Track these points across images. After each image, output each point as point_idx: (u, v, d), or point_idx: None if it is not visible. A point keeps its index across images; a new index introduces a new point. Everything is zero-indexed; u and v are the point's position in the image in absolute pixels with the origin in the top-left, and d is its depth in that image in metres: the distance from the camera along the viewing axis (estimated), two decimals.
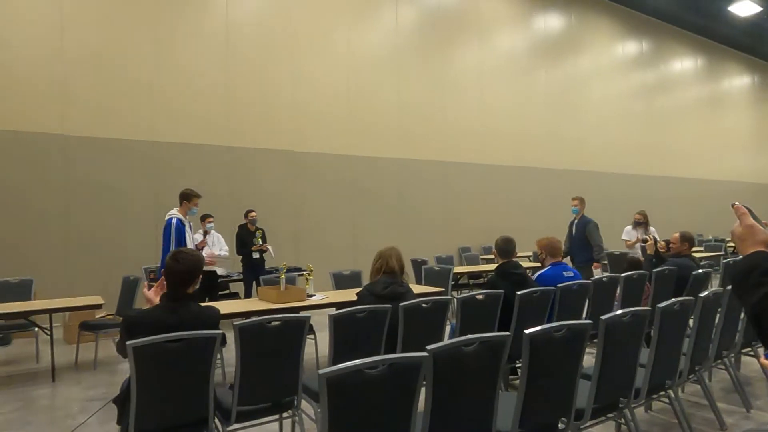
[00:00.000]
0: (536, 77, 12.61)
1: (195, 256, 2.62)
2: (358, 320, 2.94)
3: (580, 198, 7.14)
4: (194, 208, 5.64)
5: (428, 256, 8.12)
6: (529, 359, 2.23)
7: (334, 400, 1.72)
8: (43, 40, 7.09)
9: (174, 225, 5.36)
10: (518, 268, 3.90)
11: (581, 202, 7.09)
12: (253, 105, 8.67)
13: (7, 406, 4.11)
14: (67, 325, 6.20)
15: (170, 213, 5.48)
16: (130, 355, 2.27)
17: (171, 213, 5.48)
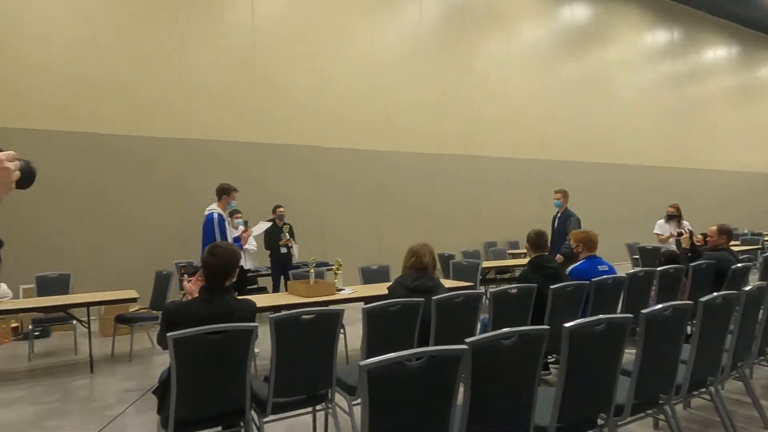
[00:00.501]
0: (562, 69, 12.38)
1: (231, 250, 2.66)
2: (391, 314, 2.94)
3: (563, 191, 6.99)
4: (232, 202, 5.72)
5: (454, 250, 8.07)
6: (568, 354, 2.19)
7: (375, 392, 1.72)
8: (73, 40, 7.26)
9: (216, 220, 5.44)
10: (551, 261, 3.85)
11: (564, 195, 6.94)
12: (278, 101, 8.73)
13: (49, 396, 4.25)
14: (103, 319, 6.37)
15: (210, 208, 5.55)
16: (171, 346, 2.32)
17: (211, 208, 5.55)
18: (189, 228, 7.86)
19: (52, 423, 3.65)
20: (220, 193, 5.64)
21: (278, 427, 3.35)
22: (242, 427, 2.76)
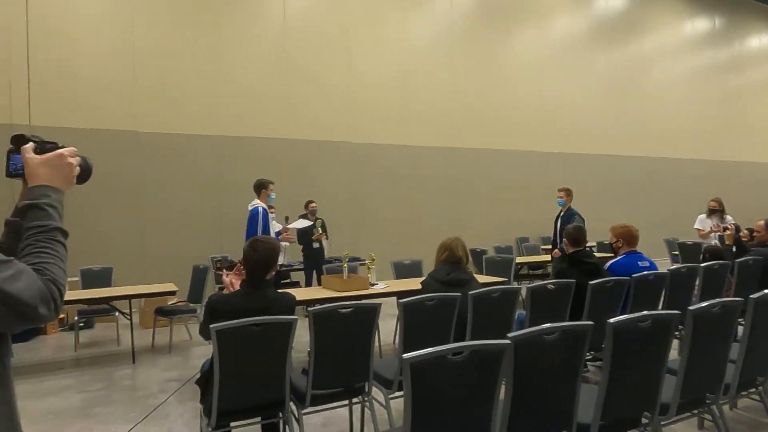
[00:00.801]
0: (597, 60, 12.07)
1: (271, 244, 2.70)
2: (428, 308, 2.93)
3: (566, 189, 6.81)
4: (272, 194, 5.88)
5: (485, 245, 7.99)
6: (612, 350, 2.15)
7: (417, 386, 1.72)
8: (115, 41, 7.49)
9: (261, 214, 5.62)
10: (591, 257, 3.77)
11: (567, 194, 6.77)
12: (309, 97, 8.80)
13: (95, 384, 4.41)
14: (143, 311, 6.57)
15: (254, 203, 5.72)
16: (214, 337, 2.37)
17: (254, 203, 5.72)
18: (225, 223, 8.03)
19: (99, 410, 3.79)
20: (258, 188, 5.80)
21: (315, 419, 3.40)
22: (281, 418, 2.81)
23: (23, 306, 0.86)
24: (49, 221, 1.02)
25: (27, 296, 0.86)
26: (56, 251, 0.99)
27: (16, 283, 0.85)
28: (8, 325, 0.85)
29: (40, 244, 0.97)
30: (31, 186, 1.05)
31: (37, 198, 1.03)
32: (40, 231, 0.99)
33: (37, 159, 1.07)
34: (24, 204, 1.03)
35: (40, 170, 1.06)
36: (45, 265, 0.93)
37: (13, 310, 0.85)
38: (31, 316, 0.87)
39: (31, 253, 0.94)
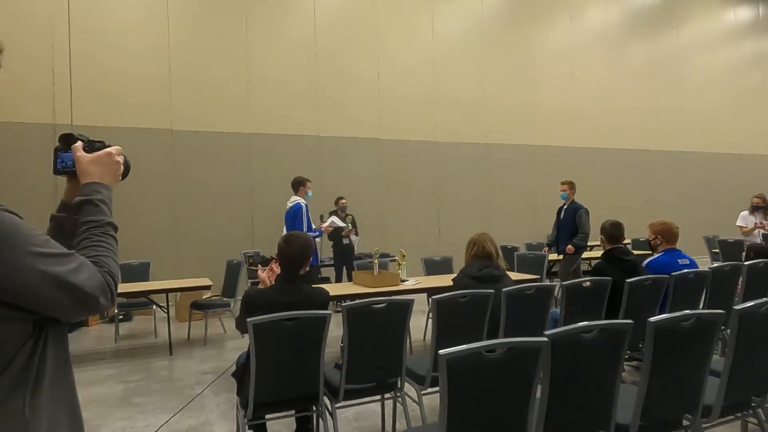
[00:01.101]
0: (632, 52, 11.73)
1: (305, 239, 2.74)
2: (461, 305, 2.92)
3: (569, 182, 6.59)
4: (309, 192, 5.94)
5: (516, 243, 7.90)
6: (653, 349, 2.09)
7: (453, 382, 1.72)
8: (151, 42, 7.69)
9: (303, 209, 5.71)
10: (628, 254, 3.67)
11: (571, 187, 6.55)
12: (339, 94, 8.85)
13: (134, 375, 4.56)
14: (179, 305, 6.75)
15: (294, 200, 5.78)
16: (251, 330, 2.42)
17: (295, 200, 5.78)
18: (257, 219, 8.17)
19: (139, 400, 3.92)
20: (297, 185, 5.85)
21: (348, 413, 3.43)
22: (315, 411, 2.85)
23: (87, 297, 0.90)
24: (102, 216, 1.06)
25: (90, 287, 0.90)
26: (110, 245, 1.03)
27: (80, 275, 0.89)
28: (72, 314, 0.90)
29: (95, 238, 1.01)
30: (84, 183, 1.09)
31: (90, 194, 1.08)
32: (94, 225, 1.04)
33: (88, 157, 1.12)
34: (78, 200, 1.07)
35: (92, 168, 1.11)
36: (101, 258, 0.97)
37: (77, 301, 0.89)
38: (92, 307, 0.92)
39: (88, 247, 0.98)
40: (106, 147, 1.17)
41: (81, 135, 1.20)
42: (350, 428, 3.29)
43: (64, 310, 0.88)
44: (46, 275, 0.84)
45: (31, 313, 0.85)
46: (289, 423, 3.15)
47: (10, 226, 0.82)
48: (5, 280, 0.80)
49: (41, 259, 0.85)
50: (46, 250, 0.87)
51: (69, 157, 1.15)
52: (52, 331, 0.90)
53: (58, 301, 0.86)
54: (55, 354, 0.90)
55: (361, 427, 3.32)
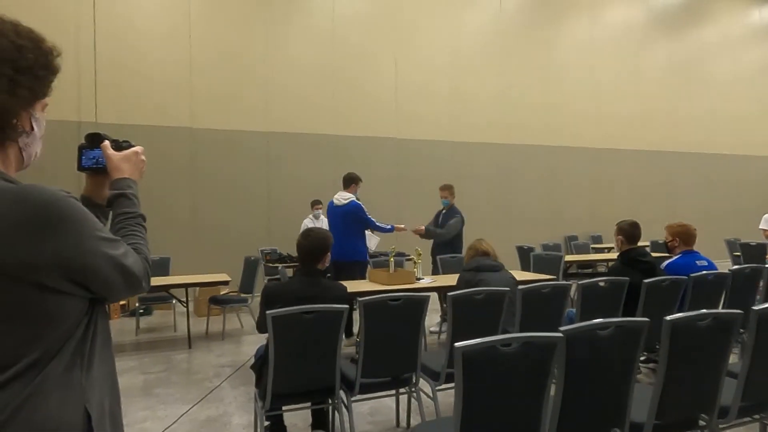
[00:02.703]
0: (655, 52, 11.58)
1: (324, 234, 2.79)
2: (477, 302, 2.94)
3: (449, 187, 6.17)
4: (358, 191, 5.56)
5: (533, 243, 7.86)
6: (669, 348, 2.10)
7: (468, 375, 1.74)
8: (173, 42, 7.84)
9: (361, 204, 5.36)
10: (646, 255, 3.64)
11: (451, 193, 6.14)
12: (358, 93, 8.91)
13: (155, 366, 4.67)
14: (198, 300, 6.87)
15: (348, 196, 5.37)
16: (270, 322, 2.47)
17: (348, 196, 5.36)
18: (274, 217, 8.27)
19: (160, 391, 4.02)
20: (350, 181, 5.48)
21: (363, 408, 3.48)
22: (331, 404, 2.90)
23: (134, 279, 0.98)
24: (135, 209, 1.15)
25: (136, 270, 0.99)
26: (143, 234, 1.11)
27: (129, 259, 0.98)
28: (121, 294, 0.97)
29: (131, 228, 1.09)
30: (116, 178, 1.17)
31: (124, 189, 1.16)
32: (129, 217, 1.12)
33: (118, 155, 1.20)
34: (113, 194, 1.16)
35: (123, 165, 1.19)
36: (138, 245, 1.05)
37: (127, 282, 0.97)
38: (137, 288, 1.00)
39: (126, 235, 1.06)
40: (132, 146, 1.23)
41: (106, 134, 1.27)
42: (365, 423, 3.33)
43: (116, 289, 0.96)
44: (106, 257, 0.92)
45: (88, 291, 0.92)
46: (305, 416, 3.21)
47: (80, 212, 0.90)
48: (75, 260, 0.87)
49: (103, 242, 0.93)
50: (106, 235, 0.95)
51: (99, 155, 1.22)
52: (100, 311, 0.98)
53: (114, 281, 0.94)
54: (102, 331, 0.97)
55: (376, 422, 3.36)
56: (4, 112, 0.89)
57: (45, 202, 0.85)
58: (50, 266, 0.85)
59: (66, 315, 0.89)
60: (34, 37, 0.94)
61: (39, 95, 0.96)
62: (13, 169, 0.96)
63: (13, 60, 0.88)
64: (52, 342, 0.87)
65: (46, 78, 0.96)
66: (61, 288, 0.87)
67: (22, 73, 0.89)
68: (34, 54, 0.92)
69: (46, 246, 0.84)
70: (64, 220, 0.87)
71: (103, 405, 0.94)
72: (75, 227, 0.88)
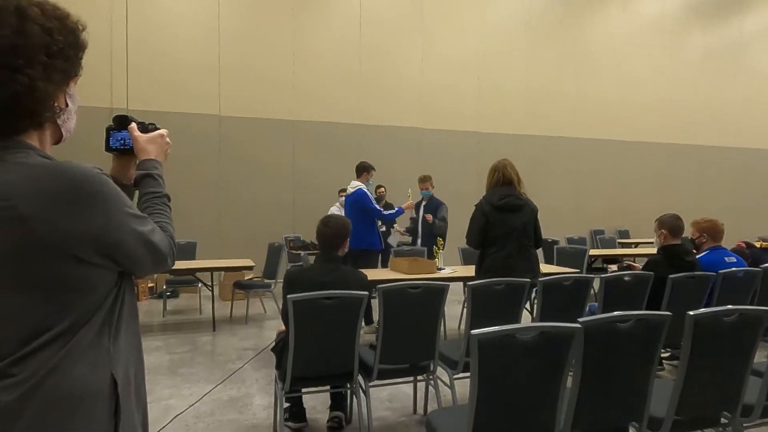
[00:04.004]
0: (688, 42, 11.20)
1: (343, 221, 2.83)
2: (496, 292, 2.93)
3: (429, 178, 6.23)
4: (370, 180, 5.64)
5: (558, 236, 7.76)
6: (691, 344, 2.06)
7: (484, 363, 1.75)
8: (202, 31, 7.96)
9: (368, 193, 5.45)
10: (689, 254, 3.47)
11: (431, 184, 6.21)
12: (383, 82, 8.90)
13: (180, 347, 4.81)
14: (222, 284, 7.02)
15: (355, 185, 5.43)
16: (291, 307, 2.52)
17: (356, 185, 5.43)
18: (298, 204, 8.37)
19: (184, 371, 4.14)
20: (361, 170, 5.54)
21: (380, 393, 3.52)
22: (349, 388, 2.94)
23: (161, 255, 1.03)
24: (161, 188, 1.19)
25: (162, 247, 1.03)
26: (168, 213, 1.15)
27: (156, 236, 1.02)
28: (147, 269, 1.02)
29: (157, 207, 1.14)
30: (143, 159, 1.21)
31: (150, 169, 1.20)
32: (156, 196, 1.16)
33: (144, 137, 1.24)
34: (140, 173, 1.20)
35: (149, 146, 1.23)
36: (164, 224, 1.09)
37: (153, 258, 1.01)
38: (162, 264, 1.05)
39: (152, 214, 1.10)
40: (157, 128, 1.27)
41: (133, 117, 1.31)
42: (382, 408, 3.37)
43: (143, 264, 1.00)
44: (135, 232, 0.97)
45: (117, 264, 0.96)
46: (324, 399, 3.27)
47: (112, 188, 0.94)
48: (107, 234, 0.92)
49: (132, 219, 0.97)
50: (135, 212, 0.99)
51: (126, 136, 1.26)
52: (127, 284, 1.02)
53: (141, 256, 0.99)
54: (129, 304, 1.02)
55: (393, 408, 3.40)
56: (44, 98, 0.92)
57: (80, 177, 0.89)
58: (83, 239, 0.89)
59: (96, 286, 0.93)
60: (60, 14, 0.96)
61: (72, 74, 1.00)
62: (49, 145, 1.01)
63: (45, 45, 0.91)
64: (83, 311, 0.91)
65: (76, 56, 0.99)
66: (92, 260, 0.91)
67: (54, 56, 0.92)
68: (63, 35, 0.94)
69: (80, 219, 0.88)
70: (97, 195, 0.91)
71: (128, 373, 0.98)
72: (107, 203, 0.92)
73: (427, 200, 6.28)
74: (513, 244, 3.45)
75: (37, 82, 0.89)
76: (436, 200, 6.29)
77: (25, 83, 0.88)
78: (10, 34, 0.87)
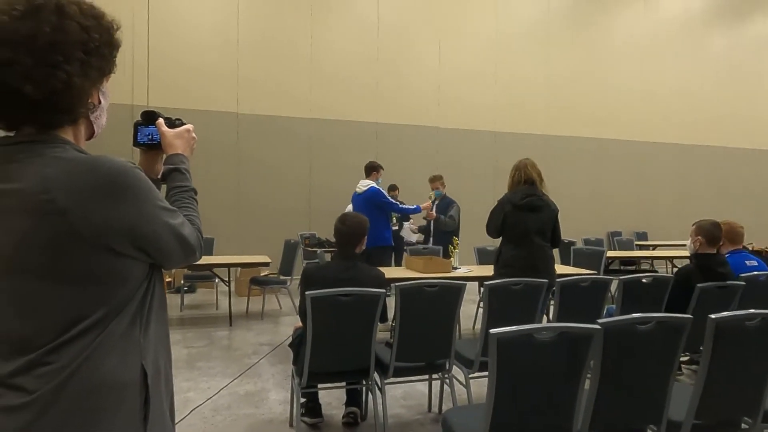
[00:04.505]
0: (714, 41, 10.99)
1: (360, 219, 2.84)
2: (513, 292, 2.93)
3: (439, 177, 6.37)
4: (379, 179, 5.78)
5: (574, 237, 7.69)
6: (712, 347, 2.04)
7: (503, 362, 1.75)
8: (221, 31, 8.05)
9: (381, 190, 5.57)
10: (724, 265, 3.35)
11: (442, 183, 6.35)
12: (400, 81, 8.90)
13: (198, 342, 4.88)
14: (239, 280, 7.10)
15: (367, 183, 5.56)
16: (308, 303, 2.55)
17: (368, 183, 5.56)
18: (314, 202, 8.42)
19: (202, 364, 4.20)
20: (371, 170, 5.70)
21: (395, 391, 3.54)
22: (365, 385, 2.96)
23: (190, 248, 1.05)
24: (188, 182, 1.22)
25: (191, 240, 1.05)
26: (195, 207, 1.18)
27: (185, 229, 1.04)
28: (177, 261, 1.04)
29: (185, 201, 1.16)
30: (170, 154, 1.24)
31: (177, 164, 1.23)
32: (183, 190, 1.19)
33: (172, 132, 1.26)
34: (168, 168, 1.23)
35: (176, 141, 1.26)
36: (192, 217, 1.12)
37: (183, 250, 1.04)
38: (191, 257, 1.07)
39: (180, 207, 1.13)
40: (183, 124, 1.30)
41: (160, 112, 1.34)
42: (397, 406, 3.39)
43: (173, 256, 1.03)
44: (167, 225, 0.99)
45: (148, 256, 0.99)
46: (339, 395, 3.30)
47: (145, 182, 0.97)
48: (140, 227, 0.94)
49: (164, 212, 1.00)
50: (166, 205, 1.02)
51: (154, 131, 1.28)
52: (157, 276, 1.04)
53: (172, 248, 1.01)
54: (159, 295, 1.04)
55: (408, 406, 3.41)
56: (80, 94, 0.95)
57: (116, 171, 0.92)
58: (118, 231, 0.92)
59: (129, 277, 0.96)
60: (96, 13, 0.98)
61: (106, 72, 1.03)
62: (83, 140, 1.04)
63: (83, 42, 0.93)
64: (116, 302, 0.94)
65: (110, 54, 1.02)
66: (126, 252, 0.94)
67: (91, 54, 0.95)
68: (99, 33, 0.97)
69: (115, 212, 0.91)
70: (131, 189, 0.93)
71: (158, 363, 1.01)
72: (141, 196, 0.95)
73: (438, 200, 6.37)
74: (529, 244, 3.47)
75: (75, 79, 0.92)
76: (448, 199, 6.41)
77: (63, 79, 0.90)
78: (50, 31, 0.89)
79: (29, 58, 0.87)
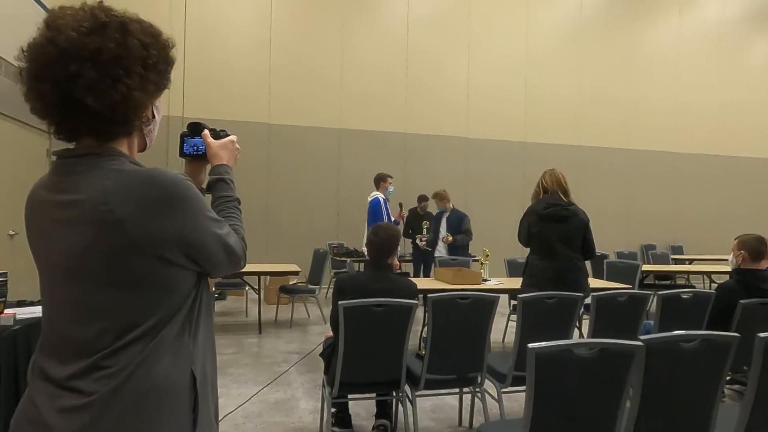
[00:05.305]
0: (751, 49, 10.67)
1: (392, 230, 2.85)
2: (547, 305, 2.87)
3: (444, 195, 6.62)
4: (390, 188, 6.16)
5: (606, 251, 7.52)
6: (761, 367, 1.95)
7: (541, 377, 1.72)
8: (253, 43, 8.24)
9: (381, 203, 6.01)
10: (766, 281, 3.23)
11: (448, 200, 6.59)
12: (429, 91, 8.93)
13: (228, 349, 4.94)
14: (268, 288, 7.17)
15: (374, 194, 6.05)
16: (341, 313, 2.56)
17: (375, 194, 6.05)
18: (342, 212, 8.48)
19: (233, 371, 4.26)
20: (378, 181, 6.10)
21: (425, 404, 3.50)
22: (396, 396, 2.95)
23: (235, 257, 1.08)
24: (233, 193, 1.25)
25: (237, 249, 1.08)
26: (239, 216, 1.21)
27: (231, 239, 1.07)
28: (223, 269, 1.07)
29: (230, 210, 1.19)
30: (216, 165, 1.27)
31: (222, 174, 1.26)
32: (228, 200, 1.22)
33: (217, 143, 1.30)
34: (213, 179, 1.26)
35: (221, 152, 1.29)
36: (237, 227, 1.14)
37: (229, 259, 1.06)
38: (236, 265, 1.10)
39: (225, 217, 1.15)
40: (228, 135, 1.33)
41: (205, 124, 1.38)
42: (427, 419, 3.35)
43: (219, 265, 1.05)
44: (215, 235, 1.02)
45: (197, 265, 1.01)
46: (368, 405, 3.28)
47: (196, 194, 1.00)
48: (191, 236, 0.97)
49: (213, 222, 1.03)
50: (214, 216, 1.05)
51: (199, 142, 1.32)
52: (204, 285, 1.07)
53: (221, 258, 1.04)
54: (206, 302, 1.07)
55: (438, 419, 3.38)
56: (138, 107, 0.99)
57: (169, 183, 0.95)
58: (171, 241, 0.95)
59: (180, 286, 0.98)
60: (155, 32, 1.04)
61: (162, 87, 1.07)
62: (136, 152, 1.08)
63: (142, 58, 0.98)
64: (167, 309, 0.96)
65: (166, 71, 1.06)
66: (177, 261, 0.97)
67: (149, 69, 0.99)
68: (157, 50, 1.02)
69: (168, 222, 0.94)
70: (183, 200, 0.96)
71: (205, 369, 1.03)
72: (192, 207, 0.98)
73: (449, 213, 6.73)
74: (555, 255, 3.42)
75: (134, 92, 0.96)
76: (459, 213, 6.70)
77: (123, 92, 0.94)
78: (114, 46, 0.94)
79: (94, 72, 0.91)
